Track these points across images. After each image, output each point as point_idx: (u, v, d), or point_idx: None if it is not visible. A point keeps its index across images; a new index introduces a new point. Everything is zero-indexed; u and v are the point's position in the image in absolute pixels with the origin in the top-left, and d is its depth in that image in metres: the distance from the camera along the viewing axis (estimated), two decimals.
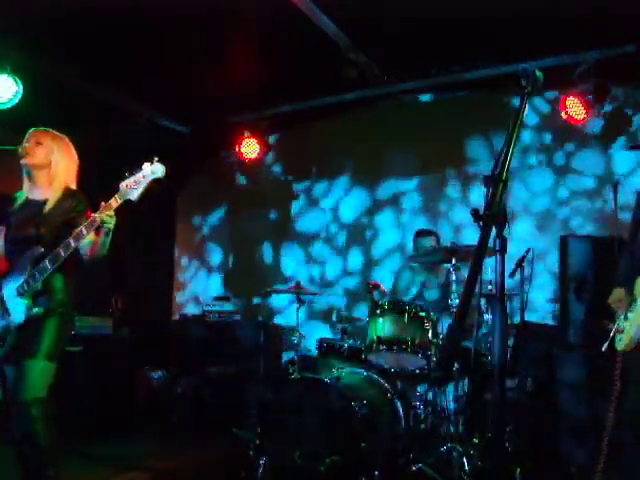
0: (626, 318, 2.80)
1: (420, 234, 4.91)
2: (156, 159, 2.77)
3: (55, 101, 4.86)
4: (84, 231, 2.77)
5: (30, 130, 3.11)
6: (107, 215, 2.76)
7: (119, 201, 2.76)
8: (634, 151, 4.84)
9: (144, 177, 2.74)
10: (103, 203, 2.78)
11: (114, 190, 2.78)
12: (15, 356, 2.84)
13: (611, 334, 2.86)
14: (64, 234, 2.85)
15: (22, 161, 3.02)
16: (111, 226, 2.80)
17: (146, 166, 2.76)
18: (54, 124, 3.20)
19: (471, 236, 5.14)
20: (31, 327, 2.83)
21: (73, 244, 2.78)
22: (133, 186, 2.73)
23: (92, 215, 2.81)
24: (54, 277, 2.89)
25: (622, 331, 2.80)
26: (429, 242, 4.78)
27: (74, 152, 3.17)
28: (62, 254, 2.79)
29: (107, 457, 4.29)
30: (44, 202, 2.99)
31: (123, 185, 2.76)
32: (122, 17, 4.13)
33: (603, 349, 2.90)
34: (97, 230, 2.82)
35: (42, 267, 2.81)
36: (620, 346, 2.80)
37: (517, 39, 4.58)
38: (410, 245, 5.17)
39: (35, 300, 2.84)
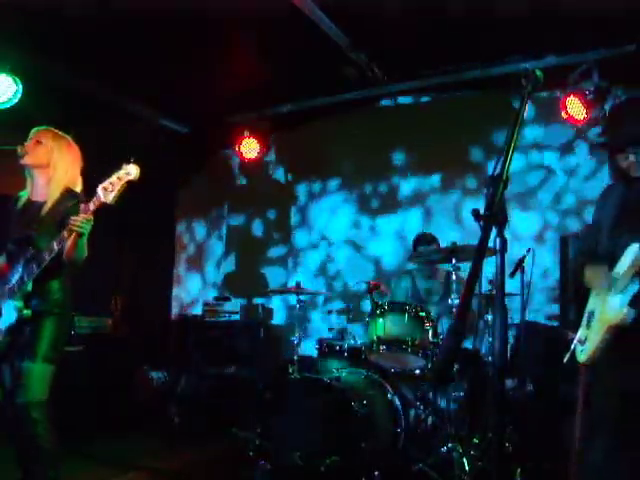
0: (589, 327, 2.46)
1: (420, 240, 4.76)
2: (132, 159, 2.74)
3: (55, 101, 4.84)
4: (66, 234, 2.76)
5: (33, 129, 3.08)
6: (83, 219, 2.72)
7: (96, 204, 2.73)
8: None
9: (119, 179, 2.72)
10: (82, 206, 2.76)
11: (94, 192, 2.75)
12: (11, 357, 2.83)
13: (572, 346, 2.54)
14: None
15: (21, 160, 2.99)
16: (84, 230, 2.75)
17: (123, 167, 2.74)
18: (54, 124, 3.17)
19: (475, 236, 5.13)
20: (27, 329, 2.82)
21: (56, 247, 2.78)
22: (109, 188, 2.71)
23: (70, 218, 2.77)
24: (50, 278, 2.88)
25: (584, 342, 2.45)
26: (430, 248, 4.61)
27: (77, 153, 3.13)
28: (46, 257, 2.79)
29: (107, 457, 4.28)
30: (43, 204, 2.97)
31: (100, 188, 2.72)
32: (122, 17, 4.13)
33: (564, 361, 2.58)
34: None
35: (29, 269, 2.82)
36: (582, 358, 2.45)
37: (517, 39, 4.58)
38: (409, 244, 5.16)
39: (27, 302, 2.83)
